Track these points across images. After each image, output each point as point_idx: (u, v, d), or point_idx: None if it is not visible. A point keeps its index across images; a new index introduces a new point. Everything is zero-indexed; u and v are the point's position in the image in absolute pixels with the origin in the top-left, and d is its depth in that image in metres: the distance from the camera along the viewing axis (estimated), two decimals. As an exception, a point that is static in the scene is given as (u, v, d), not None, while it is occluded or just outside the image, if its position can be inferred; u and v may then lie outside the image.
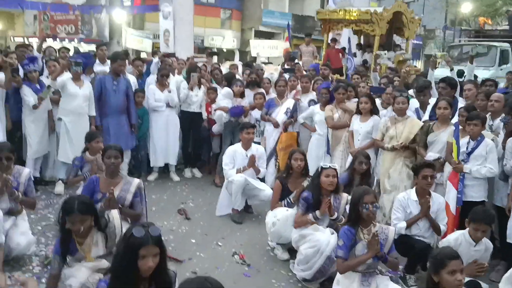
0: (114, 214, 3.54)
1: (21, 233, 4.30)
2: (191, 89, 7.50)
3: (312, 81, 7.92)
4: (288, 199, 5.06)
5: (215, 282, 1.98)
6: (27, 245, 4.32)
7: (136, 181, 4.38)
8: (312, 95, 7.55)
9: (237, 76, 8.50)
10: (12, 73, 6.14)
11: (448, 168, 5.11)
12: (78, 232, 3.32)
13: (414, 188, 4.57)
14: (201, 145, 7.91)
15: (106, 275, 2.72)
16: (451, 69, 7.64)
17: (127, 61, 7.04)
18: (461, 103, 6.04)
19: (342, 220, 4.45)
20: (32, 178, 4.58)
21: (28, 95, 6.34)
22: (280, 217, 5.02)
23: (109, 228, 3.46)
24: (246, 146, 6.13)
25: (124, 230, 3.02)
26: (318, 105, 6.93)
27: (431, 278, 2.91)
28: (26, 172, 4.42)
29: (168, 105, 7.31)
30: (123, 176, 4.44)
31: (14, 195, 4.20)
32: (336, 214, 4.47)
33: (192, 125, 7.66)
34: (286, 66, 10.05)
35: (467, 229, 3.95)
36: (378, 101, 6.59)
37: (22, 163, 6.12)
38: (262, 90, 7.71)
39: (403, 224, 4.42)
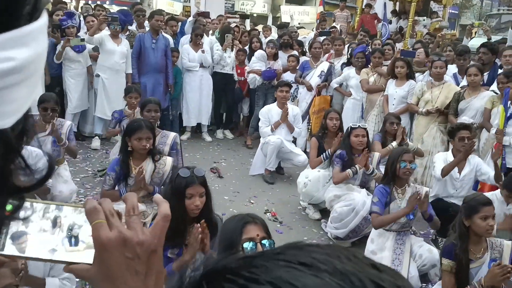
0: (168, 159, 3.78)
1: (63, 181, 4.48)
2: (225, 50, 7.49)
3: (347, 45, 7.82)
4: (326, 152, 5.02)
5: (256, 216, 2.09)
6: (69, 194, 4.49)
7: (172, 134, 4.61)
8: (345, 58, 7.45)
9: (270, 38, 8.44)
10: (52, 29, 6.24)
11: (485, 135, 5.04)
12: (144, 149, 3.57)
13: (450, 150, 4.54)
14: (233, 107, 7.95)
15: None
16: (489, 39, 7.42)
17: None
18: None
19: (376, 173, 4.49)
20: (74, 130, 4.74)
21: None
22: (312, 178, 5.08)
23: (159, 163, 3.72)
24: (281, 105, 6.12)
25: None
26: (353, 69, 6.83)
27: (462, 222, 2.99)
28: (67, 124, 4.61)
29: (201, 65, 7.30)
30: (159, 130, 4.58)
31: (62, 142, 4.35)
32: (371, 168, 4.50)
33: (225, 86, 7.65)
34: (320, 29, 9.90)
35: (499, 189, 3.93)
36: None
37: (62, 117, 6.26)
38: (295, 52, 7.64)
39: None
